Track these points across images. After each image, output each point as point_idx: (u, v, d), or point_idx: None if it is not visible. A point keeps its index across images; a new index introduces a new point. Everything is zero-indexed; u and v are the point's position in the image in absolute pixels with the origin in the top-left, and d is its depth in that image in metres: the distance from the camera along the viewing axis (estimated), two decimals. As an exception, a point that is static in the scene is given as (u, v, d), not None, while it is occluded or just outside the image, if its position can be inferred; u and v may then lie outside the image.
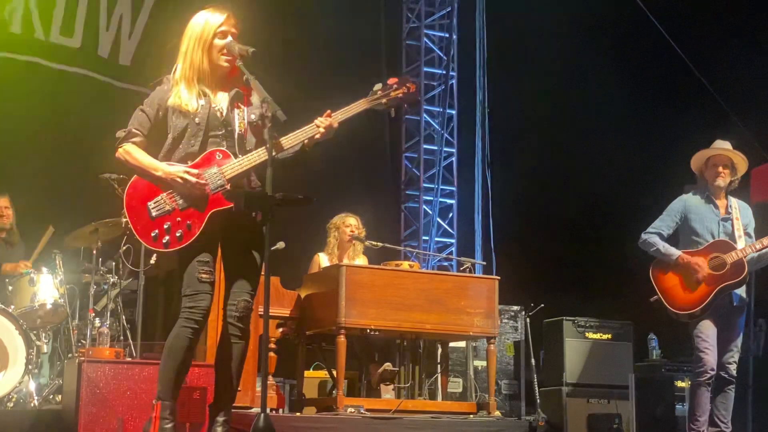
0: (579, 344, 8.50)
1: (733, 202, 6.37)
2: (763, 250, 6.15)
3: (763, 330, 8.45)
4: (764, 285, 7.74)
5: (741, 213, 6.33)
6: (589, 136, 10.69)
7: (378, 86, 4.76)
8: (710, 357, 6.07)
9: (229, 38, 4.57)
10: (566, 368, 8.38)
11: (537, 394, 8.03)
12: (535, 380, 8.14)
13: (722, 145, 6.37)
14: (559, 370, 8.40)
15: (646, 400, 7.86)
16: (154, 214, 4.48)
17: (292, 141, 4.60)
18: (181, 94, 4.54)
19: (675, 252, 6.27)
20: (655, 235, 6.38)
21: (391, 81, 4.78)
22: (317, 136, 4.61)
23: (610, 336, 8.59)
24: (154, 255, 6.85)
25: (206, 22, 4.58)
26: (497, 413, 6.78)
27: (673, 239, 6.35)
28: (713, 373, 6.08)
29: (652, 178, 9.26)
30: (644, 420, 7.74)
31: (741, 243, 6.18)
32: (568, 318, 8.52)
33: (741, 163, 6.39)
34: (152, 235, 4.47)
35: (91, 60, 9.63)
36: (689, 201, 6.41)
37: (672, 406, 8.03)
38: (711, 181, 6.34)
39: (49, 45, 9.40)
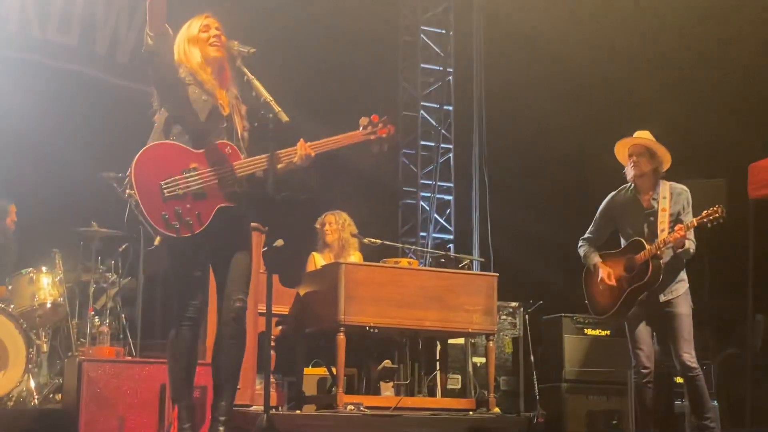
0: (578, 340, 8.50)
1: (663, 189, 6.01)
2: (687, 242, 5.87)
3: (761, 325, 8.46)
4: (764, 282, 7.74)
5: (672, 200, 5.98)
6: (588, 129, 10.69)
7: (364, 120, 4.78)
8: (641, 356, 6.09)
9: (214, 30, 4.65)
10: (565, 365, 8.39)
11: (536, 391, 8.03)
12: (534, 377, 8.14)
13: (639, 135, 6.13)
14: (558, 367, 8.41)
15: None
16: (166, 194, 4.40)
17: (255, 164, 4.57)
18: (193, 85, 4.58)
19: (594, 259, 6.25)
20: (585, 243, 6.36)
21: (375, 118, 4.81)
22: (295, 160, 4.59)
23: (608, 332, 8.58)
24: (158, 237, 6.82)
25: (189, 24, 4.72)
26: (496, 410, 6.77)
27: (615, 241, 6.29)
28: (647, 371, 6.09)
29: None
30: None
31: (662, 237, 5.91)
32: (566, 314, 8.52)
33: (660, 150, 6.05)
34: (162, 216, 4.39)
35: (89, 58, 9.61)
36: (613, 200, 6.27)
37: (671, 402, 8.04)
38: (628, 174, 6.12)
39: (47, 43, 9.38)
